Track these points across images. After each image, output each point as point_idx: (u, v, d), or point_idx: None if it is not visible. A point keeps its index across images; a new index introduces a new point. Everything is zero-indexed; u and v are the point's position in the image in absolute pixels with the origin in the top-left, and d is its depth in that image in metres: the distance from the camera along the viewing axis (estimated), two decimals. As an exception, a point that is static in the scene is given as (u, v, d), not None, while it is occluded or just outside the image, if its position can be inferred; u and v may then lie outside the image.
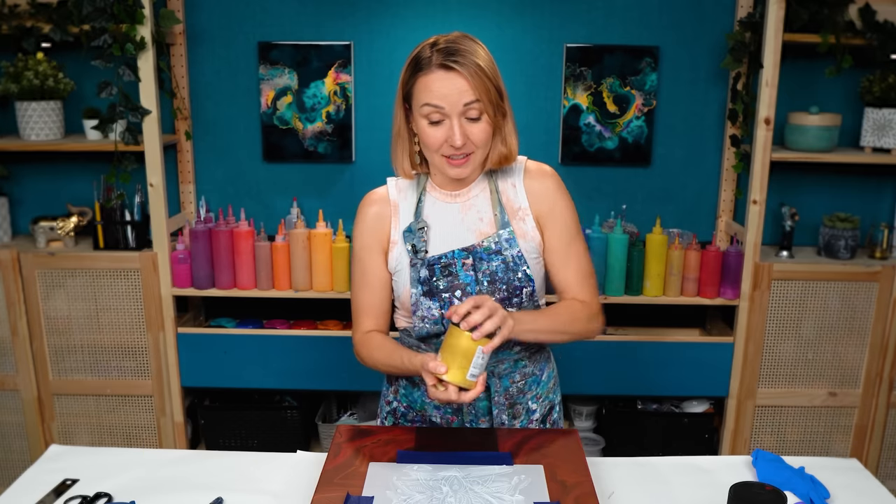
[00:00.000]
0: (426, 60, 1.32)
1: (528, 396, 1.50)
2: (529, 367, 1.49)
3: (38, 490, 1.31)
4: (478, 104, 1.31)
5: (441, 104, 1.31)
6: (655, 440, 2.70)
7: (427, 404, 1.50)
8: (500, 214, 1.43)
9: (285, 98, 2.66)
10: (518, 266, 1.40)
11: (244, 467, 1.40)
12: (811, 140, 2.50)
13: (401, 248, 1.44)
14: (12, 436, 2.68)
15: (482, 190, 1.45)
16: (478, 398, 1.45)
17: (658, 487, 1.33)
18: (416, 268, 1.41)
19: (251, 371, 2.62)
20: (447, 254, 1.41)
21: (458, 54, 1.30)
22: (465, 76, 1.29)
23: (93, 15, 2.33)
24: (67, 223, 2.59)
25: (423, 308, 1.41)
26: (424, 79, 1.32)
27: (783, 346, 2.58)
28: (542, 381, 1.52)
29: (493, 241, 1.41)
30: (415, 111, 1.36)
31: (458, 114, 1.31)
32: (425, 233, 1.43)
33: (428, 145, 1.36)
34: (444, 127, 1.33)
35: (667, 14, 2.61)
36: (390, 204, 1.47)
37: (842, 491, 1.32)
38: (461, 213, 1.44)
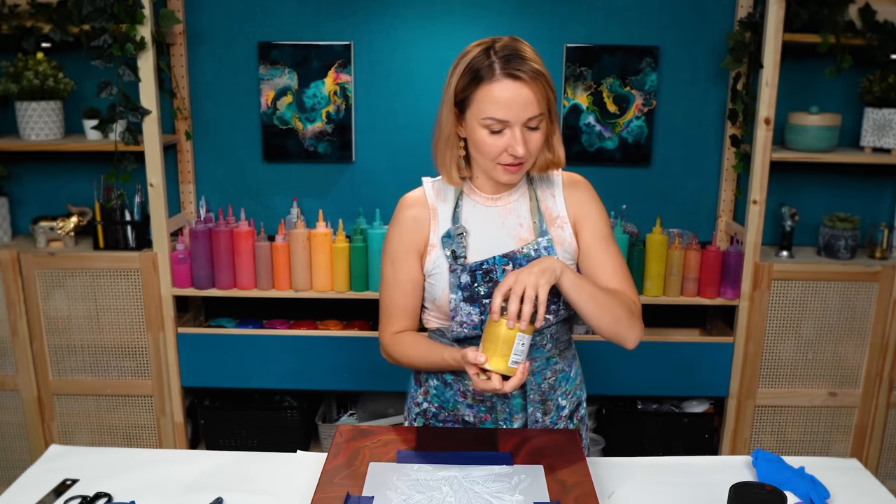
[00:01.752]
0: (487, 68, 1.29)
1: (557, 393, 1.50)
2: (560, 364, 1.50)
3: (38, 490, 1.31)
4: (541, 116, 1.32)
5: (506, 117, 1.30)
6: (655, 440, 2.70)
7: (460, 403, 1.50)
8: (538, 222, 1.43)
9: (285, 98, 2.66)
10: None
11: (244, 467, 1.40)
12: (811, 140, 2.50)
13: (439, 252, 1.43)
14: (12, 436, 2.68)
15: (522, 195, 1.46)
16: (512, 396, 1.46)
17: (658, 487, 1.33)
18: (455, 273, 1.41)
19: (251, 371, 2.62)
20: (488, 260, 1.41)
21: (523, 62, 1.29)
22: (531, 87, 1.28)
23: (93, 15, 2.33)
24: (67, 223, 2.59)
25: (462, 313, 1.41)
26: (487, 88, 1.29)
27: (783, 346, 2.58)
28: (570, 377, 1.53)
29: (533, 248, 1.41)
30: (471, 119, 1.34)
31: (522, 125, 1.31)
32: (464, 238, 1.42)
33: (485, 154, 1.34)
34: (504, 136, 1.32)
35: (667, 14, 2.61)
36: (429, 208, 1.46)
37: (842, 491, 1.32)
38: (501, 218, 1.44)
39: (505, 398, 1.47)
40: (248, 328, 2.68)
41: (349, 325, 2.74)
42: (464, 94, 1.33)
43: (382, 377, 2.59)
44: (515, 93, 1.28)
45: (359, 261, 2.54)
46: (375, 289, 2.56)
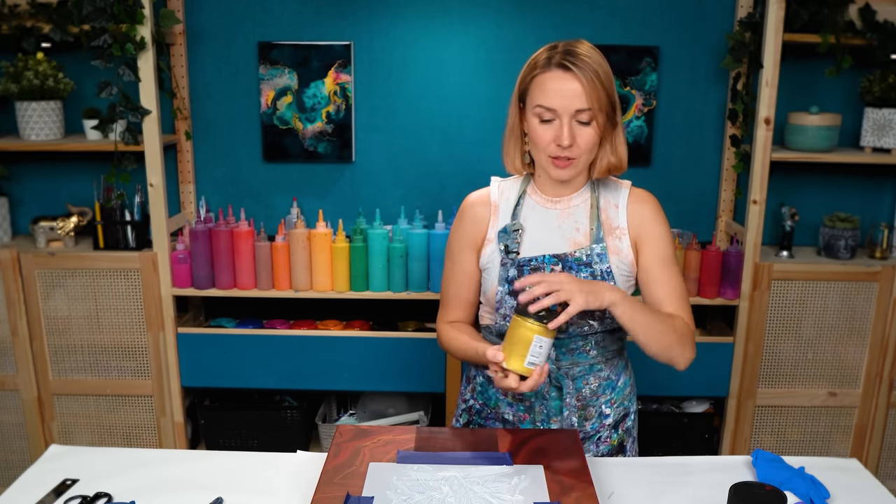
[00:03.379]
0: (545, 60, 1.35)
1: (601, 400, 1.50)
2: (605, 372, 1.50)
3: (38, 490, 1.31)
4: (589, 112, 1.33)
5: (553, 105, 1.33)
6: (655, 440, 2.70)
7: (501, 401, 1.52)
8: (596, 229, 1.44)
9: (285, 98, 2.66)
10: (605, 281, 1.41)
11: (244, 467, 1.40)
12: (811, 140, 2.50)
13: (494, 246, 1.47)
14: (12, 436, 2.68)
15: (584, 201, 1.47)
16: (550, 397, 1.47)
17: (658, 487, 1.33)
18: (505, 267, 1.44)
19: (251, 371, 2.62)
20: (538, 257, 1.43)
21: (577, 57, 1.33)
22: (582, 81, 1.32)
23: (93, 15, 2.33)
24: (67, 223, 2.59)
25: (506, 306, 1.45)
26: (541, 77, 1.35)
27: (783, 346, 2.58)
28: (617, 386, 1.52)
29: (585, 253, 1.42)
30: (527, 109, 1.39)
31: (570, 116, 1.33)
32: (519, 235, 1.45)
33: (536, 143, 1.38)
34: (553, 126, 1.35)
35: (667, 14, 2.61)
36: (490, 205, 1.50)
37: (842, 491, 1.32)
38: (559, 220, 1.46)
39: (543, 399, 1.48)
40: (248, 328, 2.68)
41: (349, 325, 2.74)
42: (523, 85, 1.39)
43: (382, 377, 2.59)
44: (564, 82, 1.33)
45: (359, 261, 2.54)
46: (375, 289, 2.56)
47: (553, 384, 1.47)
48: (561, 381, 1.46)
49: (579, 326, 1.43)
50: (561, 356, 1.46)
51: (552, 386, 1.47)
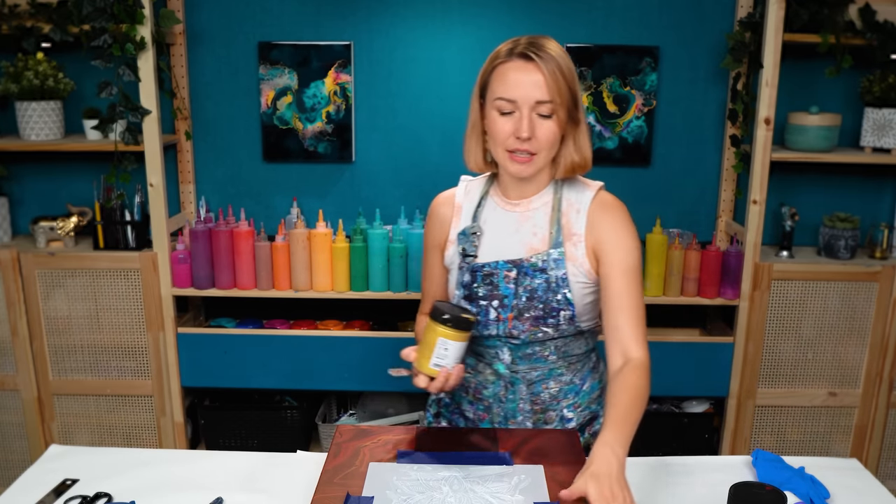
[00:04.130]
0: (507, 50, 1.33)
1: (563, 404, 1.48)
2: (567, 376, 1.48)
3: (38, 490, 1.31)
4: (550, 104, 1.31)
5: (513, 96, 1.31)
6: (655, 440, 2.70)
7: (462, 398, 1.52)
8: (555, 233, 1.40)
9: (285, 98, 2.66)
10: (559, 288, 1.38)
11: (244, 467, 1.40)
12: (811, 140, 2.50)
13: (455, 248, 1.46)
14: (12, 436, 2.68)
15: (544, 204, 1.43)
16: (507, 401, 1.46)
17: (658, 487, 1.33)
18: (461, 271, 1.43)
19: (251, 371, 2.62)
20: (492, 263, 1.41)
21: (540, 48, 1.31)
22: (543, 71, 1.30)
23: (93, 15, 2.33)
24: (67, 223, 2.59)
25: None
26: (502, 67, 1.33)
27: (783, 346, 2.58)
28: (582, 390, 1.49)
29: (541, 259, 1.39)
30: (487, 103, 1.36)
31: (530, 107, 1.31)
32: (477, 238, 1.44)
33: (494, 137, 1.35)
34: (513, 119, 1.32)
35: (667, 14, 2.61)
36: (454, 206, 1.49)
37: (842, 491, 1.32)
38: (517, 223, 1.43)
39: (500, 401, 1.47)
40: (248, 328, 2.68)
41: (349, 325, 2.74)
42: (484, 77, 1.37)
43: (383, 377, 2.58)
44: (525, 73, 1.30)
45: (359, 261, 2.54)
46: (375, 289, 2.56)
47: (509, 387, 1.46)
48: (516, 384, 1.45)
49: (533, 333, 1.40)
50: (518, 360, 1.44)
51: (508, 388, 1.46)
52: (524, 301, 1.39)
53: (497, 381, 1.46)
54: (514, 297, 1.39)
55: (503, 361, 1.44)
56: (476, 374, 1.49)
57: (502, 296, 1.40)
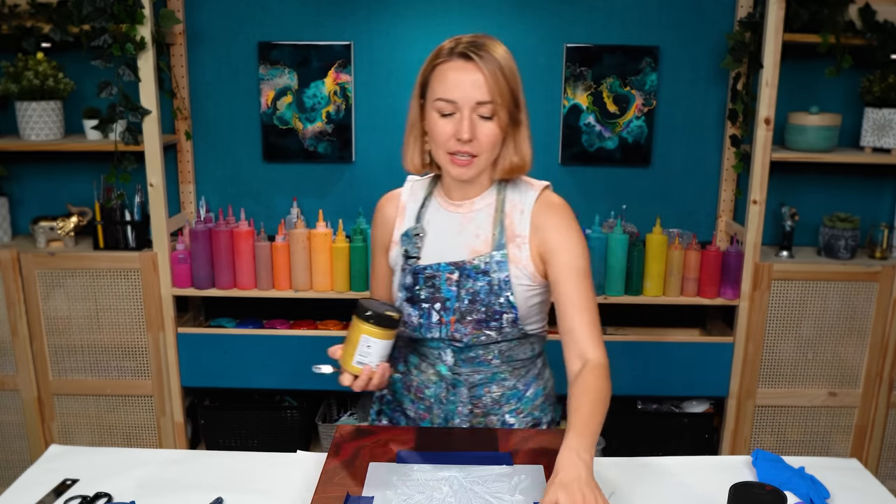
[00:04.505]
0: (447, 50, 1.31)
1: (504, 409, 1.47)
2: (510, 381, 1.46)
3: (38, 490, 1.31)
4: (490, 105, 1.29)
5: (453, 97, 1.29)
6: (655, 440, 2.70)
7: (404, 396, 1.51)
8: (498, 235, 1.38)
9: (285, 98, 2.66)
10: (502, 291, 1.36)
11: (244, 467, 1.40)
12: (811, 140, 2.50)
13: (399, 249, 1.45)
14: (12, 436, 2.68)
15: (487, 206, 1.41)
16: (448, 402, 1.45)
17: (658, 487, 1.33)
18: (404, 273, 1.42)
19: (251, 371, 2.62)
20: (434, 265, 1.39)
21: (480, 48, 1.29)
22: (483, 71, 1.28)
23: (93, 15, 2.33)
24: (67, 223, 2.59)
25: (404, 314, 1.42)
26: (442, 67, 1.31)
27: (783, 346, 2.58)
28: (525, 396, 1.48)
29: (484, 261, 1.37)
30: (427, 104, 1.34)
31: (470, 108, 1.29)
32: (420, 239, 1.42)
33: (435, 139, 1.33)
34: (453, 120, 1.31)
35: (667, 14, 2.61)
36: (399, 206, 1.47)
37: (842, 491, 1.32)
38: (460, 225, 1.42)
39: (441, 403, 1.46)
40: (248, 328, 2.68)
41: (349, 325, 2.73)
42: (424, 77, 1.35)
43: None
44: (465, 73, 1.28)
45: (359, 261, 2.54)
46: (375, 289, 2.56)
47: (450, 389, 1.45)
48: (457, 387, 1.44)
49: (475, 337, 1.39)
50: (461, 363, 1.42)
51: (450, 391, 1.45)
52: (466, 304, 1.37)
53: (439, 382, 1.45)
54: (456, 300, 1.38)
55: (445, 363, 1.43)
56: (419, 374, 1.47)
57: (444, 298, 1.38)
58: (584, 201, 2.74)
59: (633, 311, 2.77)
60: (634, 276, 2.56)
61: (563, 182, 2.73)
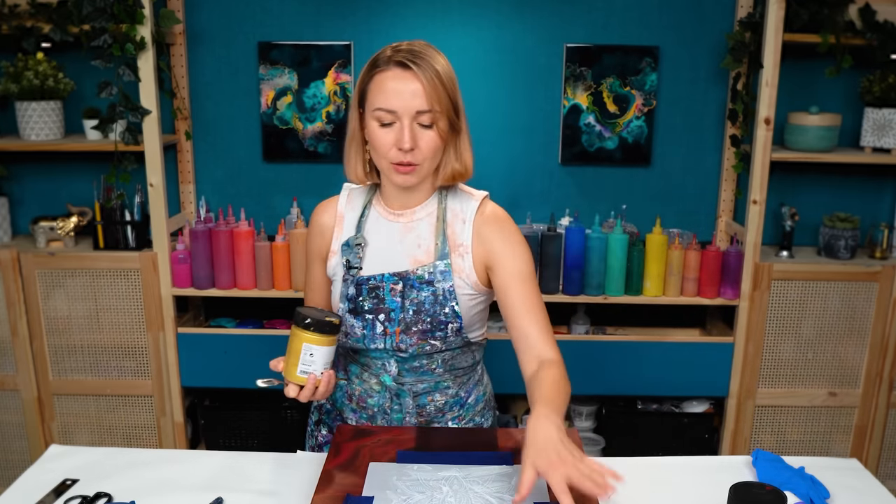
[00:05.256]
0: (385, 59, 1.30)
1: (447, 416, 1.48)
2: (453, 389, 1.47)
3: (38, 490, 1.31)
4: (430, 114, 1.28)
5: (393, 107, 1.28)
6: (655, 440, 2.70)
7: (345, 406, 1.50)
8: (440, 245, 1.38)
9: (285, 98, 2.66)
10: (447, 301, 1.37)
11: (244, 467, 1.40)
12: (811, 140, 2.50)
13: (338, 259, 1.43)
14: (12, 436, 2.68)
15: (428, 215, 1.40)
16: (392, 410, 1.45)
17: (658, 487, 1.33)
18: (346, 283, 1.41)
19: (251, 371, 2.60)
20: (377, 276, 1.38)
21: (417, 57, 1.28)
22: (422, 80, 1.27)
23: (93, 15, 2.33)
24: (67, 223, 2.59)
25: (347, 325, 1.41)
26: (380, 76, 1.30)
27: (783, 346, 2.58)
28: (467, 403, 1.49)
29: (427, 271, 1.37)
30: (367, 113, 1.33)
31: (410, 118, 1.28)
32: (361, 249, 1.41)
33: (377, 148, 1.32)
34: (394, 129, 1.29)
35: (667, 14, 2.61)
36: (336, 214, 1.46)
37: (842, 491, 1.32)
38: (400, 234, 1.40)
39: (385, 413, 1.46)
40: (248, 328, 2.68)
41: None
42: (362, 86, 1.34)
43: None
44: (404, 82, 1.27)
45: (359, 261, 2.53)
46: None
47: (394, 398, 1.45)
48: (402, 396, 1.44)
49: (420, 347, 1.39)
50: (404, 373, 1.42)
51: (393, 400, 1.45)
52: (411, 315, 1.37)
53: (382, 391, 1.45)
54: (400, 311, 1.37)
55: (389, 374, 1.43)
56: (361, 383, 1.47)
57: (389, 309, 1.38)
58: (584, 201, 2.74)
59: (633, 311, 2.77)
60: (634, 276, 2.56)
61: (563, 182, 2.74)
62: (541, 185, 2.73)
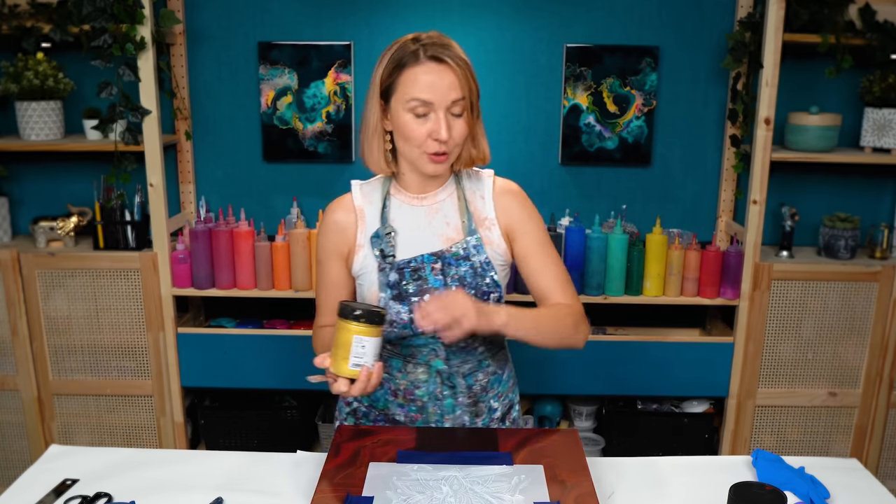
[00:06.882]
0: (412, 54, 1.33)
1: (490, 395, 1.51)
2: (492, 367, 1.51)
3: (38, 490, 1.31)
4: (463, 101, 1.33)
5: (429, 98, 1.32)
6: (655, 440, 2.70)
7: (390, 402, 1.50)
8: (467, 221, 1.44)
9: (285, 98, 2.66)
10: (486, 272, 1.42)
11: (244, 467, 1.40)
12: (811, 140, 2.50)
13: (367, 251, 1.44)
14: (12, 436, 2.68)
15: (449, 195, 1.46)
16: (443, 396, 1.46)
17: (658, 487, 1.34)
18: (384, 272, 1.42)
19: (251, 371, 2.62)
20: (416, 258, 1.42)
21: (446, 48, 1.32)
22: (455, 71, 1.32)
23: (93, 15, 2.33)
24: (67, 223, 2.59)
25: (391, 312, 1.42)
26: (412, 71, 1.32)
27: (783, 346, 2.58)
28: (503, 379, 1.55)
29: (462, 247, 1.42)
30: (395, 106, 1.36)
31: (445, 108, 1.32)
32: (393, 238, 1.43)
33: (410, 140, 1.35)
34: (428, 121, 1.34)
35: (667, 14, 2.61)
36: (355, 210, 1.47)
37: (842, 491, 1.32)
38: (427, 217, 1.45)
39: (436, 399, 1.47)
40: (248, 328, 2.68)
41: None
42: (388, 81, 1.37)
43: (382, 377, 2.59)
44: (439, 75, 1.32)
45: (359, 261, 2.53)
46: (375, 289, 2.56)
47: (445, 383, 1.46)
48: (453, 380, 1.46)
49: None
50: (451, 355, 1.45)
51: (444, 385, 1.46)
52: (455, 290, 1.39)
53: (432, 378, 1.46)
54: (445, 288, 1.40)
55: (440, 357, 1.45)
56: (405, 375, 1.47)
57: (433, 289, 1.40)
58: (584, 201, 2.74)
59: (633, 311, 2.77)
60: (634, 276, 2.56)
61: (563, 182, 2.74)
62: (541, 185, 2.73)
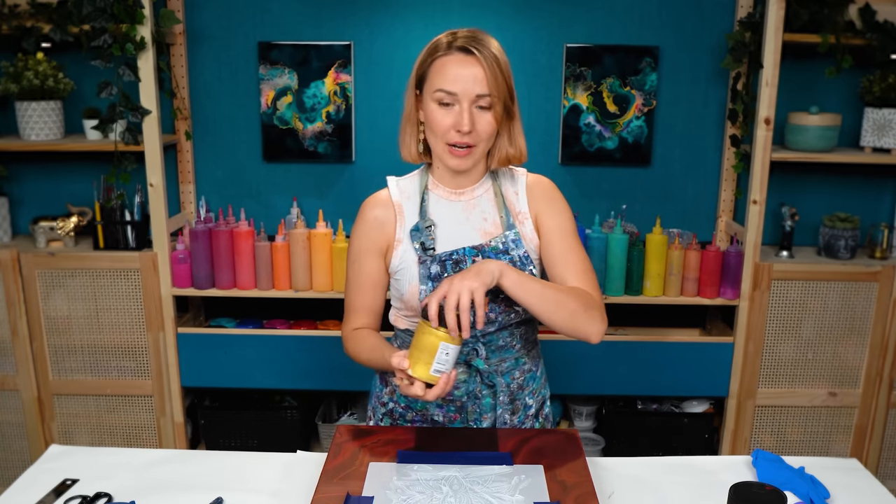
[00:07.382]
0: (445, 44, 1.35)
1: (525, 392, 1.52)
2: (527, 364, 1.52)
3: (38, 490, 1.31)
4: (488, 98, 1.33)
5: (454, 90, 1.33)
6: (655, 440, 2.70)
7: (429, 403, 1.50)
8: (505, 217, 1.45)
9: (285, 98, 2.66)
10: (525, 266, 1.42)
11: (244, 467, 1.40)
12: (811, 140, 2.50)
13: (406, 246, 1.44)
14: (12, 436, 2.68)
15: (486, 191, 1.47)
16: (482, 395, 1.46)
17: (658, 487, 1.34)
18: (426, 265, 1.42)
19: (251, 371, 2.62)
20: (458, 250, 1.42)
21: (479, 42, 1.33)
22: (483, 66, 1.32)
23: (93, 15, 2.33)
24: (67, 223, 2.59)
25: None
26: (442, 61, 1.34)
27: (783, 346, 2.58)
28: (536, 376, 1.55)
29: (500, 242, 1.43)
30: (425, 95, 1.37)
31: (470, 101, 1.33)
32: (433, 231, 1.44)
33: (434, 129, 1.37)
34: (453, 112, 1.35)
35: (667, 14, 2.61)
36: (393, 206, 1.47)
37: (842, 491, 1.32)
38: (465, 212, 1.46)
39: (476, 398, 1.47)
40: (248, 328, 2.68)
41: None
42: (421, 69, 1.38)
43: (382, 377, 2.59)
44: (466, 66, 1.33)
45: (359, 261, 2.53)
46: (375, 289, 2.56)
47: (485, 382, 1.46)
48: (493, 379, 1.46)
49: (507, 314, 1.42)
50: (490, 354, 1.45)
51: (483, 384, 1.46)
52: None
53: (472, 377, 1.46)
54: None
55: (481, 357, 1.45)
56: None
57: None
58: (584, 201, 2.74)
59: (633, 311, 2.77)
60: (634, 276, 2.56)
61: (563, 182, 2.73)
62: (541, 185, 2.73)
